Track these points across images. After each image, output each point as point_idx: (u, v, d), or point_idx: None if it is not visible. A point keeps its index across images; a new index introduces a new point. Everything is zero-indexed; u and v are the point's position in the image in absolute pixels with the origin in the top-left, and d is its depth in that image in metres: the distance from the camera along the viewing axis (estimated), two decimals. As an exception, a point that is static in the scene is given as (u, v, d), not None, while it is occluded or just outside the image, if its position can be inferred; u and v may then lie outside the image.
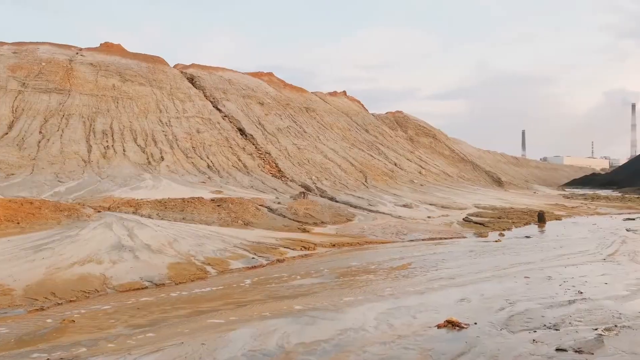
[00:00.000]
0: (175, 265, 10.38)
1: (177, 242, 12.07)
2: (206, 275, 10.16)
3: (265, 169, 28.33)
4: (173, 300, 8.22)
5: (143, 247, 11.21)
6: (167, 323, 6.91)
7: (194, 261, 10.92)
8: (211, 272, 10.37)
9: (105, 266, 9.85)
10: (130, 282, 9.24)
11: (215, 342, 6.06)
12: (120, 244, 11.20)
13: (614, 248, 13.67)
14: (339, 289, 8.90)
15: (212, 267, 10.69)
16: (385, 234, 16.58)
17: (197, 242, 12.47)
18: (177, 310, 7.55)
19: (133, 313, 7.41)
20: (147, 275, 9.62)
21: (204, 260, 11.09)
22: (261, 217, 17.28)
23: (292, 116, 38.47)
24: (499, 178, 51.05)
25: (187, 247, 11.82)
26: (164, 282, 9.45)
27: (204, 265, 10.75)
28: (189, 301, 8.14)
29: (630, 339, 5.88)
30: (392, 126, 54.20)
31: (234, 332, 6.48)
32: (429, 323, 6.67)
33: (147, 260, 10.46)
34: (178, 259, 10.85)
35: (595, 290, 8.49)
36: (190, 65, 40.26)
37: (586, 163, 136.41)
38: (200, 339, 6.17)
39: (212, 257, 11.41)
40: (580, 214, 26.64)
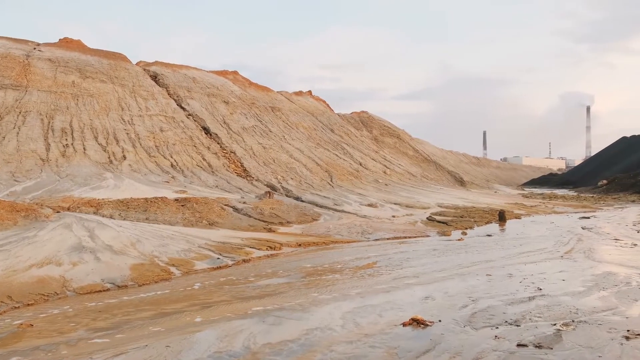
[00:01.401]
0: (139, 267, 10.18)
1: (140, 243, 11.84)
2: (170, 276, 10.00)
3: (231, 168, 28.08)
4: (136, 302, 8.06)
5: (105, 248, 10.95)
6: (130, 325, 6.77)
7: (157, 262, 10.73)
8: (175, 273, 10.21)
9: (65, 268, 9.57)
10: (91, 284, 9.01)
11: (180, 344, 5.98)
12: (81, 245, 10.91)
13: (570, 246, 14.13)
14: (305, 288, 8.91)
15: (177, 267, 10.54)
16: (351, 233, 16.68)
17: (160, 242, 12.26)
18: (140, 312, 7.40)
19: (95, 316, 7.23)
20: (109, 277, 9.40)
21: (168, 261, 10.92)
22: (226, 217, 17.12)
23: (257, 115, 38.25)
24: (461, 178, 52.07)
25: (150, 248, 11.61)
26: (127, 283, 9.25)
27: (168, 266, 10.58)
28: (152, 303, 7.99)
29: (587, 334, 6.09)
30: (357, 126, 54.57)
31: (199, 333, 6.40)
32: (395, 321, 6.75)
33: (109, 261, 10.22)
34: (141, 260, 10.64)
35: (553, 286, 8.76)
36: (153, 62, 39.51)
37: (544, 163, 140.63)
38: (164, 341, 6.07)
39: (176, 257, 11.24)
40: (538, 213, 27.43)
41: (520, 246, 14.17)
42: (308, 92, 54.34)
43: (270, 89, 46.91)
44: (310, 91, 54.78)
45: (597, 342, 5.75)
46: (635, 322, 6.56)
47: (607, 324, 6.44)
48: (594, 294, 8.22)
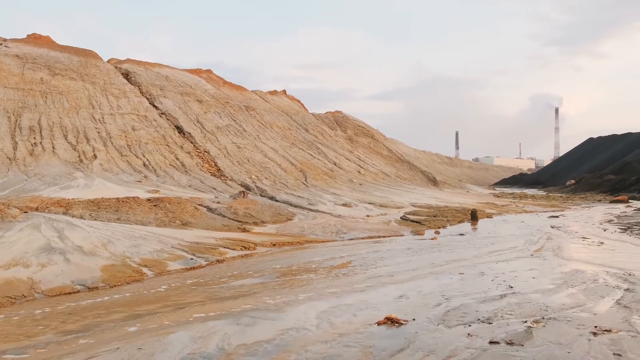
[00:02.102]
0: (110, 268, 9.99)
1: (112, 244, 11.63)
2: (143, 277, 9.85)
3: (204, 167, 27.81)
4: (107, 304, 7.91)
5: (74, 249, 10.71)
6: (101, 328, 6.64)
7: (129, 263, 10.55)
8: (148, 274, 10.06)
9: (33, 270, 9.33)
10: (60, 286, 8.81)
11: (152, 347, 5.89)
12: (50, 246, 10.65)
13: (540, 244, 14.43)
14: (279, 288, 8.88)
15: (149, 268, 10.38)
16: (325, 233, 16.70)
17: (132, 243, 12.06)
18: (112, 315, 7.27)
19: (64, 319, 7.07)
20: (80, 279, 9.20)
21: (140, 261, 10.75)
22: (200, 217, 16.95)
23: (231, 114, 37.97)
24: (434, 177, 52.66)
25: (122, 249, 11.41)
26: (98, 285, 9.07)
27: (140, 266, 10.42)
28: (124, 304, 7.85)
29: (556, 330, 6.22)
30: (332, 126, 54.67)
31: (173, 335, 6.32)
32: (370, 320, 6.78)
33: (79, 262, 10.01)
34: (112, 261, 10.45)
35: (524, 284, 8.93)
36: (125, 60, 38.86)
37: (514, 163, 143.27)
38: (137, 343, 5.98)
39: (148, 258, 11.08)
40: (509, 212, 27.93)
41: (492, 245, 14.41)
42: (283, 92, 54.20)
43: (244, 88, 46.64)
44: (284, 90, 54.67)
45: (566, 338, 5.89)
46: (602, 318, 6.73)
47: (575, 321, 6.60)
48: (562, 291, 8.40)
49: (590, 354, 5.37)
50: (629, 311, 7.06)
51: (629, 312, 7.03)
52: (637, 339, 5.86)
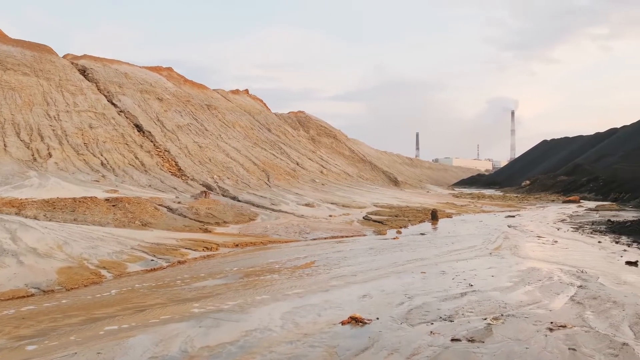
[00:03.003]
0: (66, 270, 9.68)
1: (68, 245, 11.26)
2: (101, 279, 9.59)
3: (165, 167, 27.30)
4: (64, 307, 7.66)
5: (28, 251, 10.33)
6: (57, 332, 6.43)
7: (87, 265, 10.25)
8: (107, 276, 9.80)
9: (-17, 273, 8.94)
10: (13, 289, 8.47)
11: (112, 351, 5.74)
12: (1, 248, 10.23)
13: (498, 243, 14.81)
14: (243, 289, 8.81)
15: (108, 270, 10.11)
16: (289, 233, 16.67)
17: (90, 244, 11.72)
18: (68, 318, 7.04)
19: (18, 323, 6.80)
20: (34, 282, 8.88)
21: (98, 263, 10.46)
22: (160, 218, 16.63)
23: (192, 113, 37.42)
24: (395, 178, 53.33)
25: (79, 250, 11.07)
26: (54, 288, 8.77)
27: (99, 268, 10.13)
28: (82, 308, 7.62)
29: (515, 327, 6.41)
30: (295, 126, 54.63)
31: (133, 338, 6.18)
32: (334, 320, 6.81)
33: (34, 265, 9.65)
34: (69, 263, 10.13)
35: (483, 282, 9.15)
36: (82, 56, 37.71)
37: (472, 164, 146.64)
38: (95, 347, 5.81)
39: (107, 260, 10.79)
40: (468, 212, 28.57)
41: (452, 244, 14.70)
42: (245, 91, 53.79)
43: (206, 87, 46.04)
44: (247, 90, 54.25)
45: (524, 335, 6.06)
46: (558, 314, 6.97)
47: (532, 317, 6.80)
48: (520, 288, 8.65)
49: (547, 349, 5.55)
50: (582, 307, 7.33)
51: (582, 308, 7.30)
52: (590, 333, 6.09)
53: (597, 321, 6.60)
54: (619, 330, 6.19)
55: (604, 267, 10.66)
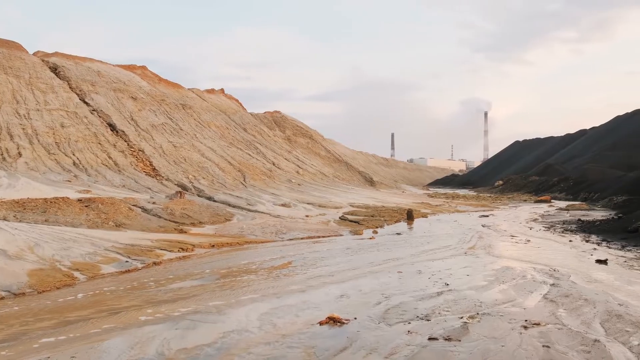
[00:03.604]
0: (38, 272, 9.45)
1: (39, 247, 10.99)
2: (74, 281, 9.39)
3: (139, 167, 26.90)
4: (35, 310, 7.48)
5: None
6: (28, 336, 6.27)
7: (59, 267, 10.03)
8: (80, 278, 9.61)
9: (-50, 276, 8.67)
10: (-18, 292, 8.23)
11: (87, 355, 5.63)
12: (-31, 250, 9.94)
13: (472, 242, 15.03)
14: (220, 290, 8.74)
15: (81, 272, 9.91)
16: (265, 233, 16.61)
17: (62, 245, 11.47)
18: (40, 322, 6.88)
19: (-13, 327, 6.62)
20: (4, 284, 8.64)
21: (71, 265, 10.24)
22: (135, 218, 16.38)
23: (167, 112, 36.96)
24: (371, 178, 53.60)
25: (51, 252, 10.82)
26: (25, 291, 8.55)
27: (71, 270, 9.93)
28: (54, 311, 7.45)
29: (490, 325, 6.50)
30: (271, 126, 54.44)
31: (108, 342, 6.07)
32: (312, 320, 6.81)
33: (4, 267, 9.39)
34: (41, 265, 9.89)
35: (459, 281, 9.27)
36: (53, 53, 36.86)
37: (447, 165, 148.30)
38: (69, 351, 5.69)
39: (80, 261, 10.58)
40: (443, 212, 28.90)
41: (428, 244, 14.85)
42: (220, 91, 53.38)
43: (181, 86, 45.52)
44: (222, 89, 53.82)
45: (499, 333, 6.16)
46: (532, 312, 7.10)
47: (507, 315, 6.92)
48: (495, 287, 8.79)
49: (522, 347, 5.65)
50: (555, 305, 7.49)
51: (555, 306, 7.45)
52: (563, 331, 6.22)
53: (570, 319, 6.74)
54: (591, 327, 6.34)
55: (575, 266, 10.90)
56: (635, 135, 58.87)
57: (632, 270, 10.49)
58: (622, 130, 63.90)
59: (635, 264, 11.13)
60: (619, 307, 7.26)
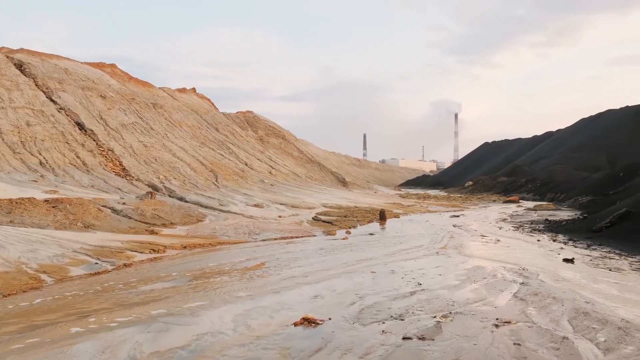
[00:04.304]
0: (3, 275, 9.17)
1: (4, 249, 10.67)
2: (41, 284, 9.15)
3: (108, 167, 26.38)
4: (1, 314, 7.25)
5: (-40, 256, 9.73)
6: (-6, 341, 6.08)
7: (25, 269, 9.76)
8: (47, 281, 9.36)
9: None
10: (-56, 296, 7.95)
11: (55, 359, 5.49)
12: None
13: (444, 242, 15.22)
14: (192, 292, 8.64)
15: (49, 275, 9.66)
16: (238, 234, 16.49)
17: (28, 247, 11.16)
18: (6, 326, 6.67)
19: (-50, 333, 6.39)
20: (-33, 288, 8.36)
21: (37, 267, 9.98)
22: (104, 219, 16.05)
23: (137, 112, 36.34)
24: (343, 178, 53.77)
25: (16, 254, 10.52)
26: (-11, 294, 8.29)
27: (38, 273, 9.67)
28: (20, 315, 7.24)
29: (463, 324, 6.60)
30: (243, 126, 54.10)
31: (78, 346, 5.93)
32: (286, 321, 6.79)
33: (-34, 270, 9.10)
34: (6, 268, 9.61)
35: (431, 281, 9.38)
36: (18, 49, 35.83)
37: (418, 165, 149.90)
38: (37, 357, 5.54)
39: (47, 264, 10.31)
40: (415, 212, 29.20)
41: (400, 244, 14.98)
42: (192, 90, 52.78)
43: (151, 85, 44.83)
44: (194, 88, 53.23)
45: (472, 331, 6.26)
46: (502, 311, 7.24)
47: (479, 314, 7.03)
48: (466, 286, 8.92)
49: (493, 345, 5.75)
50: (525, 303, 7.64)
51: (525, 304, 7.61)
52: (533, 329, 6.36)
53: (539, 316, 6.89)
54: (559, 325, 6.49)
55: (543, 265, 11.16)
56: (598, 137, 60.62)
57: (597, 268, 10.79)
58: (587, 133, 65.71)
59: (600, 263, 11.46)
60: (585, 304, 7.46)
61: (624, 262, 11.50)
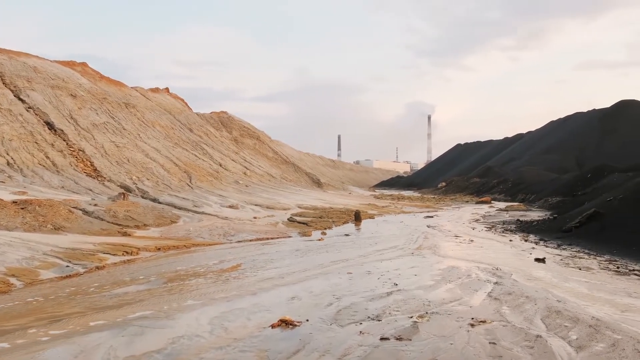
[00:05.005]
0: (-31, 279, 8.90)
1: (-29, 252, 10.36)
2: (10, 288, 8.89)
3: (79, 167, 25.84)
4: (-32, 320, 7.03)
5: None
6: (-39, 348, 5.89)
7: (-7, 273, 9.48)
8: (16, 285, 9.10)
9: None
10: None
11: (27, 365, 5.35)
12: None
13: (419, 243, 15.37)
14: (168, 294, 8.52)
15: (18, 278, 9.40)
16: (213, 236, 16.35)
17: (-4, 250, 10.84)
18: (-26, 332, 6.48)
19: None
20: None
21: (6, 271, 9.70)
22: (75, 221, 15.71)
23: (109, 111, 35.70)
24: (318, 179, 53.81)
25: (-17, 257, 10.21)
26: (-45, 299, 8.03)
27: (7, 276, 9.39)
28: (-11, 320, 7.03)
29: (439, 324, 6.67)
30: (217, 126, 53.67)
31: (49, 351, 5.79)
32: (264, 323, 6.75)
33: None
34: (-28, 272, 9.32)
35: (407, 281, 9.45)
36: (-17, 46, 34.84)
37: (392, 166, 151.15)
38: (7, 362, 5.39)
39: (16, 267, 10.03)
40: (389, 213, 29.41)
41: (376, 244, 15.06)
42: (165, 90, 52.10)
43: (123, 84, 44.08)
44: (167, 88, 52.55)
45: (448, 331, 6.33)
46: (478, 310, 7.34)
47: (455, 314, 7.12)
48: (442, 286, 9.02)
49: (470, 344, 5.82)
50: (499, 303, 7.77)
51: (499, 303, 7.73)
52: (508, 327, 6.46)
53: (513, 315, 7.02)
54: (533, 324, 6.62)
55: (516, 264, 11.37)
56: (567, 140, 62.14)
57: (568, 267, 11.05)
58: (556, 135, 67.28)
59: (570, 262, 11.73)
60: (557, 303, 7.62)
61: (593, 261, 11.80)
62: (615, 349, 5.64)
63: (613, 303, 7.79)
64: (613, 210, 16.04)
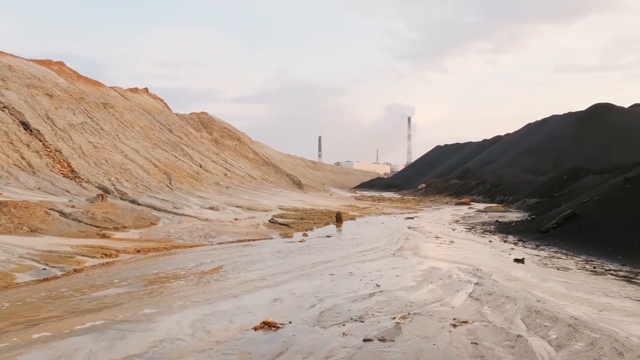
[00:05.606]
0: (-58, 283, 8.67)
1: (-57, 255, 10.10)
2: (-15, 292, 8.69)
3: (56, 168, 25.38)
4: (-59, 325, 6.85)
5: None
6: None
7: (-33, 276, 9.24)
8: (-9, 289, 8.90)
9: None
10: None
11: (3, 370, 5.23)
12: None
13: (400, 244, 15.44)
14: (148, 297, 8.41)
15: (-7, 282, 9.19)
16: (193, 237, 16.20)
17: (-30, 253, 10.59)
18: (-53, 337, 6.30)
19: None
20: None
21: (-20, 274, 9.47)
22: (52, 223, 15.43)
23: (87, 111, 35.16)
24: (299, 181, 53.77)
25: (-43, 260, 9.96)
26: None
27: (-19, 280, 9.18)
28: (-37, 325, 6.85)
29: (421, 324, 6.71)
30: (197, 127, 53.25)
31: (26, 356, 5.66)
32: (246, 326, 6.71)
33: None
34: (-55, 275, 9.08)
35: (389, 282, 9.49)
36: (-44, 44, 34.05)
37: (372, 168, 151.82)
38: (-17, 368, 5.26)
39: (-9, 270, 9.80)
40: (370, 214, 29.50)
41: (357, 246, 15.09)
42: (144, 90, 51.52)
43: (102, 84, 43.45)
44: (146, 88, 51.97)
45: (430, 332, 6.36)
46: (459, 311, 7.40)
47: (437, 315, 7.16)
48: (424, 287, 9.08)
49: (452, 344, 5.86)
50: (480, 303, 7.84)
51: (480, 304, 7.81)
52: (489, 327, 6.53)
53: (494, 316, 7.09)
54: (513, 323, 6.70)
55: (496, 265, 11.50)
56: (544, 142, 63.15)
57: (546, 268, 11.21)
58: (533, 137, 68.32)
59: (548, 263, 11.91)
60: (537, 303, 7.72)
61: (571, 262, 12.00)
62: (594, 348, 5.73)
63: (591, 302, 7.93)
64: (589, 211, 16.35)
